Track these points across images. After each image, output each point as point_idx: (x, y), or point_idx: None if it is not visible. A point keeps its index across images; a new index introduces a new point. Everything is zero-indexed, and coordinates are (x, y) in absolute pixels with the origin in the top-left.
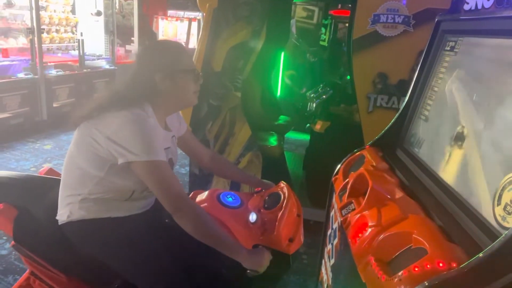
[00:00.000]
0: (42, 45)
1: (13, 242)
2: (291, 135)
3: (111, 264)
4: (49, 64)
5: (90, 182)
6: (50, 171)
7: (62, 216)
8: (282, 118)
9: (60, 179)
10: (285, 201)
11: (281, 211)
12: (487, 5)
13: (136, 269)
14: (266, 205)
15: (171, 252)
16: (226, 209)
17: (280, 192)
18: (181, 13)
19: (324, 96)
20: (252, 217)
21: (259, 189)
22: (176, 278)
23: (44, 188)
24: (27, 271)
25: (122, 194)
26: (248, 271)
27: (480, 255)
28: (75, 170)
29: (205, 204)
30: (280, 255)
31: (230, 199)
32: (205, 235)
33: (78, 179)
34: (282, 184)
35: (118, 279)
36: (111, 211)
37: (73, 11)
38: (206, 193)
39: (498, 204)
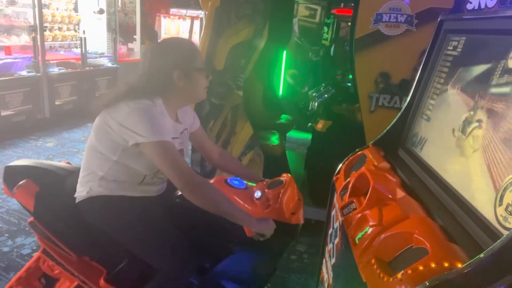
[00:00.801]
0: (45, 43)
1: (31, 219)
2: (293, 134)
3: (123, 240)
4: (51, 62)
5: (106, 164)
6: (68, 164)
7: (82, 192)
8: (284, 117)
9: (79, 167)
10: (287, 183)
11: (284, 188)
12: (490, 4)
13: (146, 244)
14: (269, 187)
15: (181, 230)
16: (233, 189)
17: (282, 179)
18: (183, 11)
19: (326, 95)
20: (257, 194)
21: (263, 179)
22: (185, 253)
23: (64, 172)
24: (38, 252)
25: (135, 177)
26: (254, 235)
27: (481, 255)
28: (94, 154)
29: None
30: (283, 228)
31: (236, 182)
32: (215, 206)
33: (96, 162)
34: (285, 174)
35: (126, 258)
36: (126, 191)
37: (75, 9)
38: (213, 179)
39: (500, 205)
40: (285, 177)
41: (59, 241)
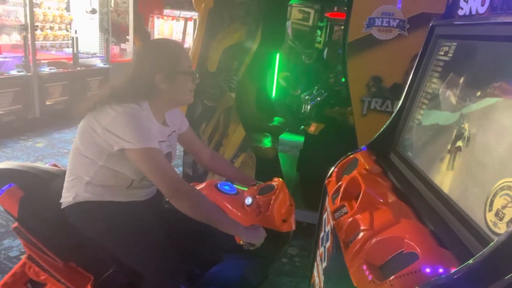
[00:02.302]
0: (36, 42)
1: (15, 224)
2: (285, 137)
3: (110, 247)
4: (42, 61)
5: (92, 169)
6: (54, 166)
7: (68, 198)
8: (277, 120)
9: (65, 170)
10: (278, 188)
11: (275, 195)
12: (481, 10)
13: (134, 251)
14: (260, 193)
15: (170, 236)
16: (223, 195)
17: (274, 184)
18: (177, 12)
19: (318, 98)
20: (248, 200)
21: (254, 182)
22: (174, 260)
23: (49, 176)
24: (23, 257)
25: (122, 182)
26: (244, 243)
27: (471, 261)
28: (79, 158)
29: (203, 192)
30: (273, 235)
31: (227, 187)
32: (202, 214)
33: (82, 166)
34: (276, 178)
35: (114, 265)
36: (114, 196)
37: (67, 9)
38: (204, 183)
39: (490, 210)
40: (276, 181)
41: (44, 247)
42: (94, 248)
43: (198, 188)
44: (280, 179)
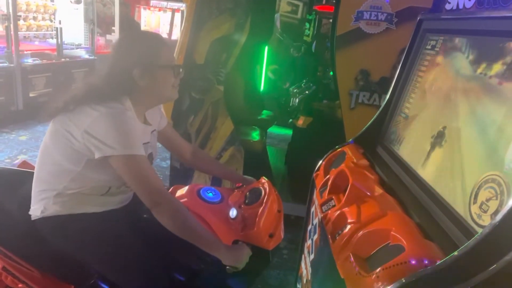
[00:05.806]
0: (19, 32)
1: None
2: (274, 130)
3: (87, 261)
4: (25, 52)
5: (65, 177)
6: (25, 164)
7: (36, 211)
8: (265, 113)
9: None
10: (265, 196)
11: (262, 207)
12: (468, 5)
13: (112, 266)
14: (246, 201)
15: (149, 248)
16: (206, 205)
17: (261, 188)
18: (164, 3)
19: (307, 92)
20: (233, 212)
21: (240, 184)
22: (153, 274)
23: (18, 181)
24: None
25: (98, 189)
26: (227, 267)
27: (456, 253)
28: (50, 164)
29: (185, 199)
30: (259, 251)
31: (211, 194)
32: (184, 230)
33: (53, 174)
34: (263, 179)
35: (94, 275)
36: (87, 207)
37: None
38: (186, 188)
39: (474, 203)
40: (264, 183)
41: (18, 258)
42: (71, 258)
43: (180, 192)
44: (268, 180)
